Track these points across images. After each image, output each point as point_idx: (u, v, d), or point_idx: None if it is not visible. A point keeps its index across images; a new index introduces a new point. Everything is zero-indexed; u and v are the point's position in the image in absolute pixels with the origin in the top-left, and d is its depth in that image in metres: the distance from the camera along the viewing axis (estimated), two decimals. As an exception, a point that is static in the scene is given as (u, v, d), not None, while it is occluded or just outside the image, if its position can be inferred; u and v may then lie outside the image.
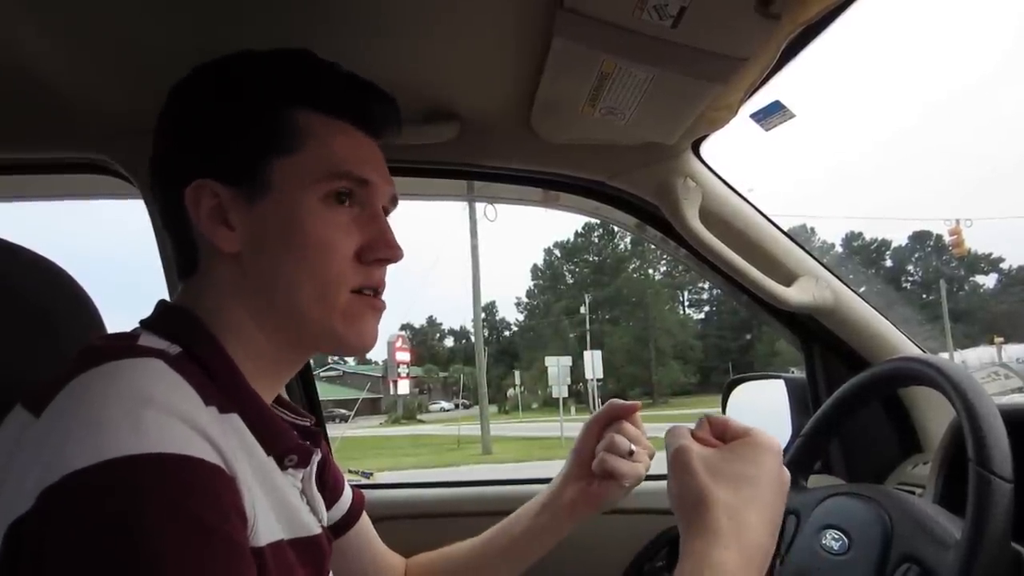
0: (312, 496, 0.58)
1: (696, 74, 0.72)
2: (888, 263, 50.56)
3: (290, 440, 0.54)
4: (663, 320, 43.30)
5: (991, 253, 45.81)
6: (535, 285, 53.52)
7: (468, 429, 20.86)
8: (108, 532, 0.35)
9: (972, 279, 46.76)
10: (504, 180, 1.09)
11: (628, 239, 45.82)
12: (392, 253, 0.57)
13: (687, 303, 51.28)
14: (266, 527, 0.47)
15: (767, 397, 1.21)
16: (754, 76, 0.75)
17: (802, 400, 1.18)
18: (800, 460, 0.83)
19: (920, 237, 49.28)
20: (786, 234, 1.08)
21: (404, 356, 23.52)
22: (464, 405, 39.18)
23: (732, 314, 45.43)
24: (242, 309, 0.53)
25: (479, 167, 1.07)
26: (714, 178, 1.02)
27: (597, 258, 51.04)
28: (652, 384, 40.23)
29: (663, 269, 47.61)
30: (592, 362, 19.77)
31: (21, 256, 0.59)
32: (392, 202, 0.61)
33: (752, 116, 0.98)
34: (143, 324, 0.52)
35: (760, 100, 0.90)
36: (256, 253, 0.53)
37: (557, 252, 53.07)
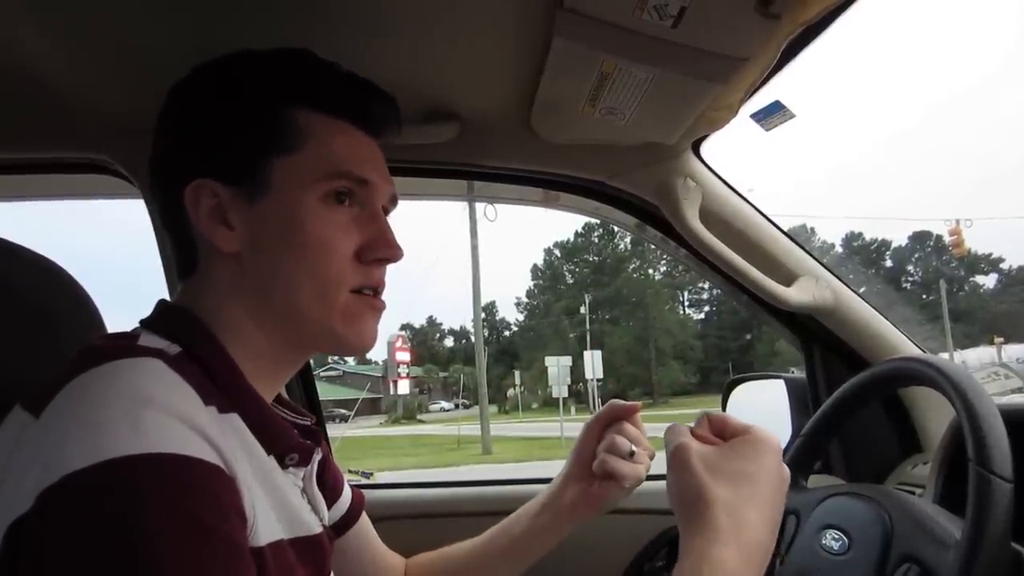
0: (313, 495, 0.58)
1: (696, 74, 0.72)
2: (888, 263, 50.58)
3: (291, 439, 0.54)
4: (663, 320, 43.30)
5: (991, 253, 45.91)
6: (535, 285, 53.58)
7: (468, 429, 20.86)
8: (107, 532, 0.35)
9: (972, 279, 46.80)
10: (504, 180, 1.09)
11: (628, 239, 45.89)
12: (392, 253, 0.56)
13: (687, 303, 51.34)
14: (266, 527, 0.47)
15: (767, 397, 1.21)
16: (754, 76, 0.75)
17: (802, 400, 1.18)
18: (800, 460, 0.83)
19: (920, 237, 49.32)
20: (786, 234, 1.08)
21: (404, 356, 23.54)
22: (464, 405, 39.17)
23: (732, 314, 45.43)
24: (241, 309, 0.53)
25: (479, 167, 1.07)
26: (714, 178, 1.02)
27: (597, 258, 51.03)
28: (652, 384, 40.23)
29: (663, 269, 47.67)
30: (592, 362, 19.78)
31: (21, 256, 0.59)
32: (392, 202, 0.61)
33: (752, 116, 0.98)
34: (143, 324, 0.52)
35: (760, 100, 0.90)
36: (255, 253, 0.52)
37: (557, 252, 53.12)
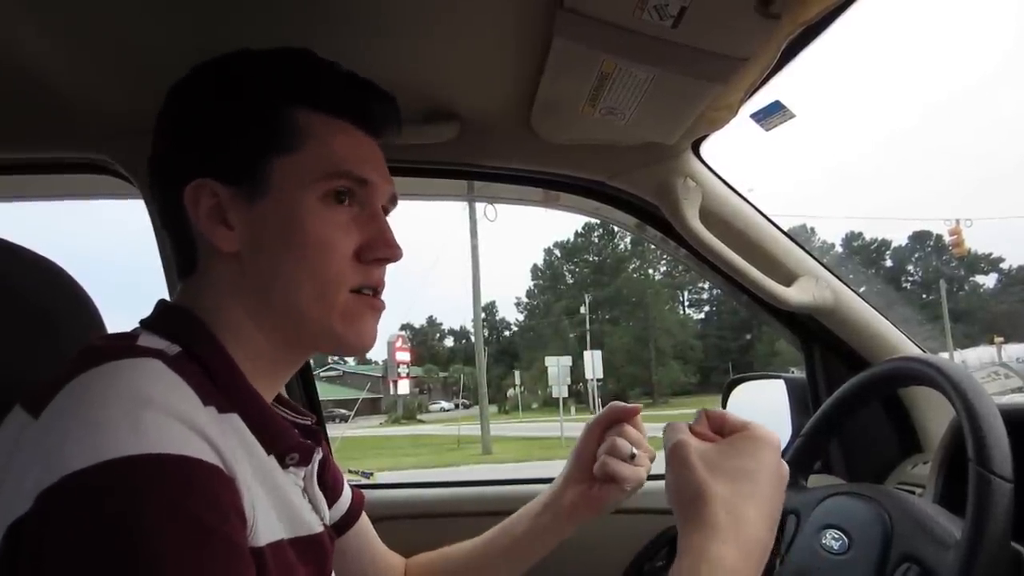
0: (314, 494, 0.58)
1: (696, 74, 0.72)
2: (888, 263, 50.58)
3: (291, 438, 0.54)
4: (663, 320, 43.30)
5: (991, 253, 45.90)
6: (535, 285, 53.59)
7: (468, 429, 20.86)
8: (107, 533, 0.35)
9: (972, 279, 46.79)
10: (504, 180, 1.09)
11: (628, 239, 45.90)
12: (391, 252, 0.56)
13: (687, 303, 51.34)
14: (266, 527, 0.47)
15: (767, 397, 1.22)
16: (754, 76, 0.75)
17: (802, 400, 1.18)
18: (800, 460, 0.83)
19: (920, 237, 49.32)
20: (786, 234, 1.08)
21: (404, 356, 23.54)
22: (464, 405, 39.16)
23: (732, 314, 45.43)
24: (241, 308, 0.53)
25: (479, 167, 1.06)
26: (714, 178, 1.02)
27: (597, 258, 51.03)
28: (652, 384, 40.24)
29: (663, 269, 47.68)
30: (592, 362, 19.77)
31: (21, 256, 0.59)
32: (392, 201, 0.60)
33: (752, 116, 0.98)
34: (143, 324, 0.52)
35: (760, 100, 0.90)
36: (255, 252, 0.52)
37: (557, 252, 53.12)
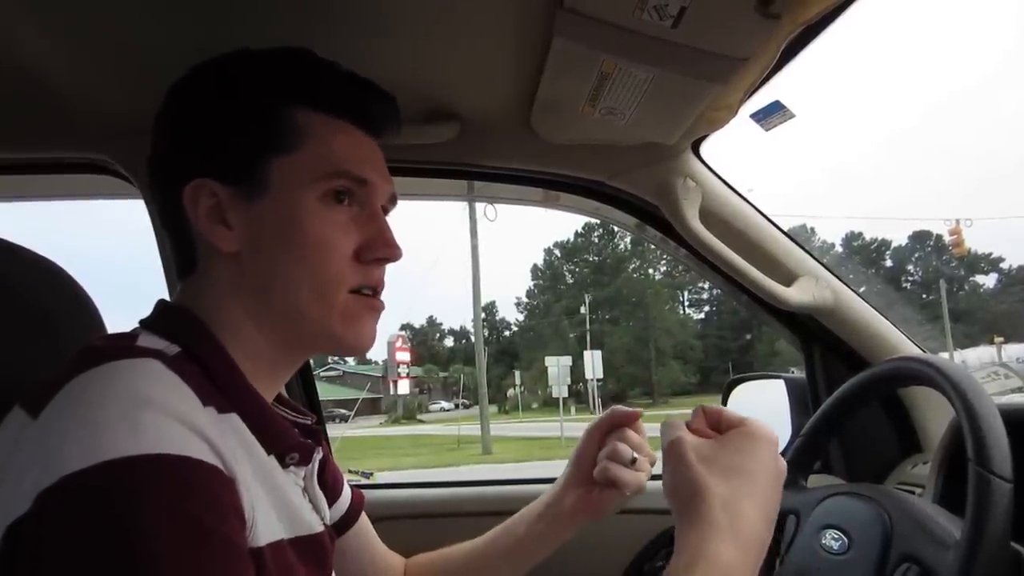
0: (314, 494, 0.58)
1: (696, 74, 0.72)
2: (888, 263, 50.57)
3: (291, 438, 0.53)
4: (663, 320, 43.31)
5: (991, 253, 45.89)
6: (535, 285, 53.57)
7: (468, 429, 20.86)
8: (106, 534, 0.35)
9: (972, 279, 46.79)
10: (504, 180, 1.09)
11: (628, 239, 45.89)
12: (391, 252, 0.56)
13: (687, 303, 51.33)
14: (266, 527, 0.47)
15: (767, 397, 1.22)
16: (754, 76, 0.75)
17: (802, 400, 1.18)
18: (800, 460, 0.83)
19: (920, 237, 49.31)
20: (786, 234, 1.08)
21: (404, 356, 23.55)
22: (464, 405, 39.15)
23: (732, 314, 45.42)
24: (240, 309, 0.53)
25: (479, 167, 1.06)
26: (714, 178, 1.02)
27: (597, 258, 51.03)
28: (652, 384, 40.25)
29: (663, 269, 47.67)
30: (592, 362, 19.78)
31: (21, 256, 0.59)
32: (391, 201, 0.60)
33: (752, 116, 0.98)
34: (142, 324, 0.52)
35: (760, 100, 0.90)
36: (254, 252, 0.52)
37: (557, 252, 53.11)
